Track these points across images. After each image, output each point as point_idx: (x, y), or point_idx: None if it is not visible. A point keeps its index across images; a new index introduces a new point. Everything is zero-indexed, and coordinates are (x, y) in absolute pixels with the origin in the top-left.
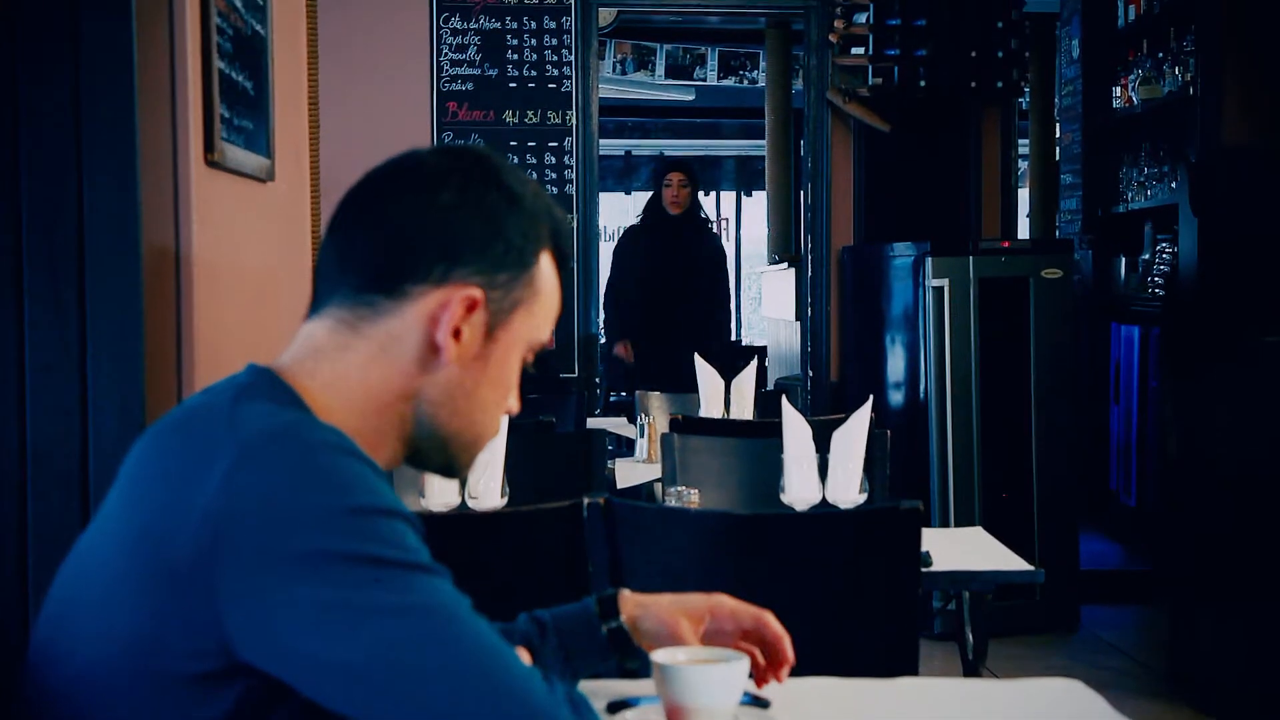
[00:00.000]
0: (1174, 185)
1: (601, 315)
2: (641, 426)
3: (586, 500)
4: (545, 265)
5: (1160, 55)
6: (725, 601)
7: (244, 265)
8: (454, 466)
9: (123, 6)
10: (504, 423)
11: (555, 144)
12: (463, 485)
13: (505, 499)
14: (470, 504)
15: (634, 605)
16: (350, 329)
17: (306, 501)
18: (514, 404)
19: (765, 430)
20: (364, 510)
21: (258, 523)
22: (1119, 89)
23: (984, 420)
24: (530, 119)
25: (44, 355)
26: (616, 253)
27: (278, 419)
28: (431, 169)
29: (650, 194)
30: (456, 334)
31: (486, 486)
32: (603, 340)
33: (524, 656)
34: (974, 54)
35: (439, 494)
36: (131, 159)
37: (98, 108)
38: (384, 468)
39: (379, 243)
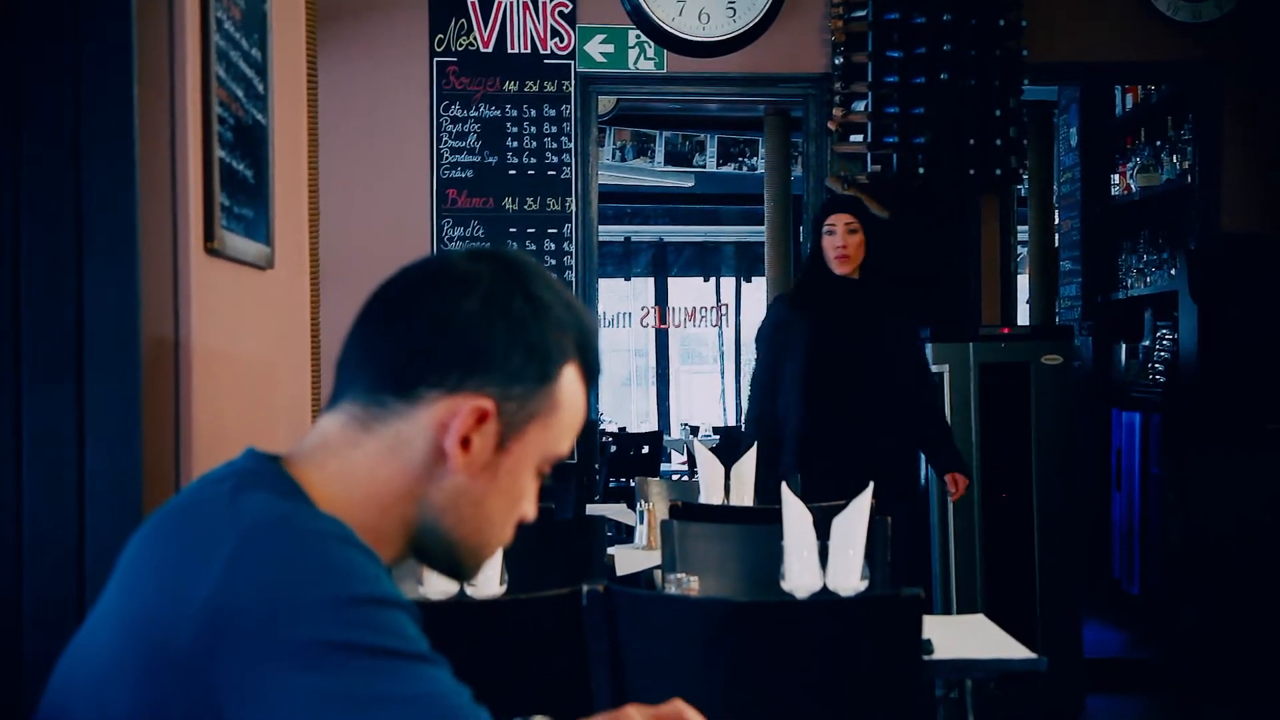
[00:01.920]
0: (1173, 272)
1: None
2: (641, 513)
3: (586, 588)
4: (568, 379)
5: (1158, 143)
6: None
7: (243, 353)
8: (459, 570)
9: (124, 96)
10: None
11: (555, 230)
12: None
13: (504, 586)
14: (469, 592)
15: None
16: (361, 426)
17: (306, 591)
18: (529, 512)
19: (765, 517)
20: (363, 600)
21: (257, 613)
22: (1117, 176)
23: (985, 506)
24: (530, 206)
25: (41, 442)
26: (763, 335)
27: (278, 508)
28: (459, 273)
29: (810, 249)
30: (466, 443)
31: (485, 574)
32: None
33: None
34: (972, 142)
35: (437, 582)
36: (132, 247)
37: (99, 197)
38: (387, 563)
39: (397, 343)
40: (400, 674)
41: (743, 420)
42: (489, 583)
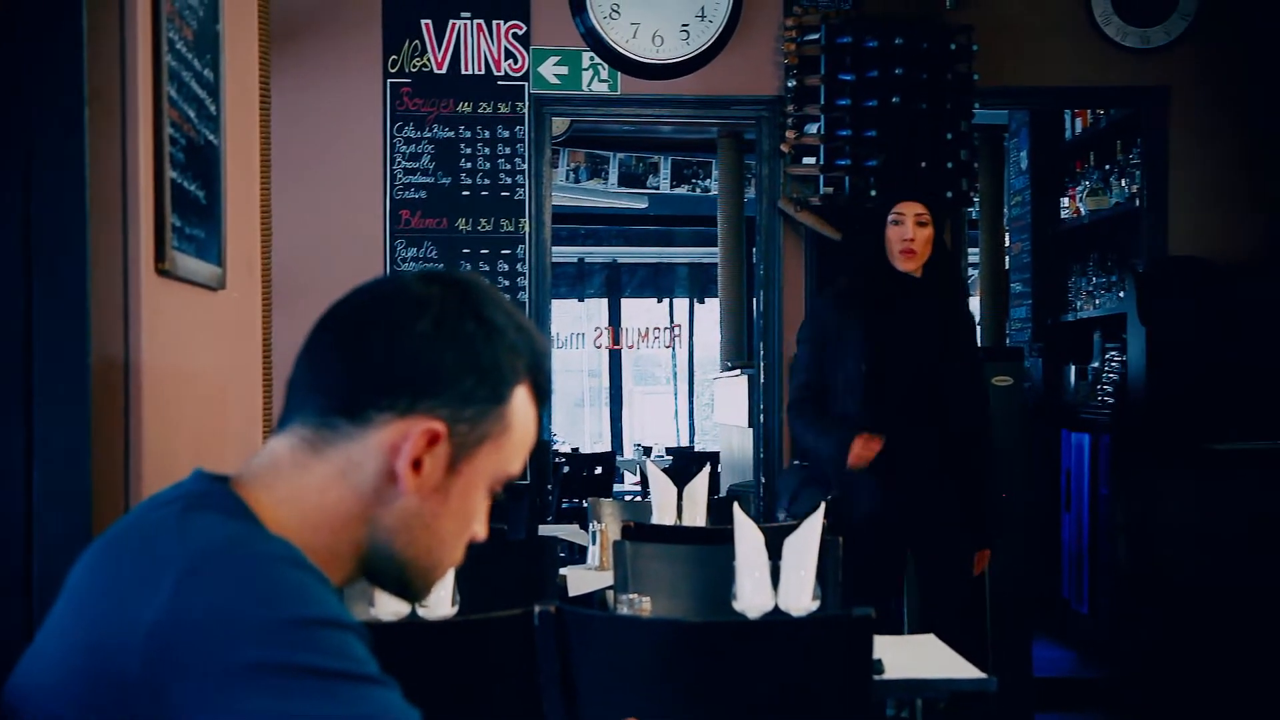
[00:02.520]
0: (1122, 295)
1: (786, 426)
2: (593, 534)
3: (538, 609)
4: (520, 400)
5: (1107, 167)
6: None
7: (194, 374)
8: (410, 591)
9: (75, 117)
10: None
11: (508, 251)
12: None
13: (456, 608)
14: (420, 613)
15: None
16: (311, 448)
17: (254, 614)
18: (480, 532)
19: (717, 537)
20: (311, 622)
21: (206, 636)
22: (1067, 200)
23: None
24: (483, 227)
25: None
26: (805, 337)
27: (225, 531)
28: (411, 296)
29: (865, 241)
30: (417, 465)
31: (437, 595)
32: (794, 463)
33: None
34: (924, 165)
35: (389, 603)
36: (82, 268)
37: (48, 217)
38: (340, 584)
39: (348, 366)
40: (349, 696)
41: (790, 419)
42: (441, 604)
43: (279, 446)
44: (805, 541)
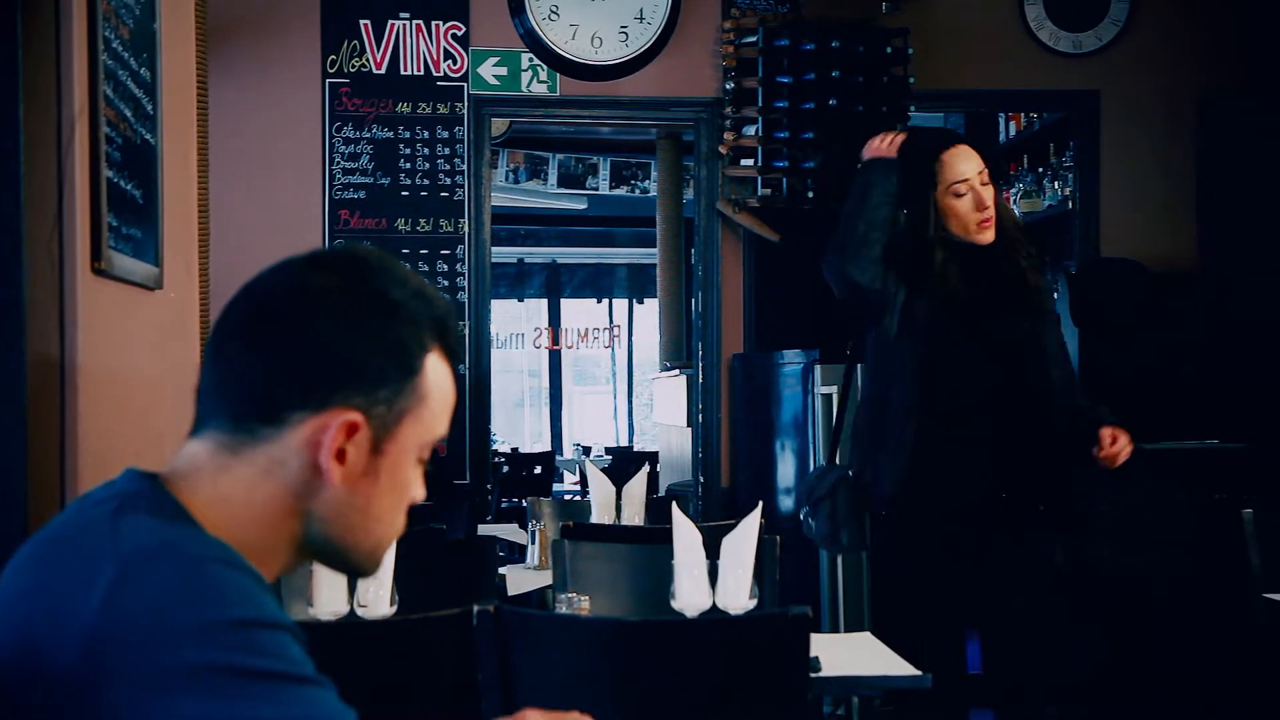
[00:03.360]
0: (1055, 295)
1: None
2: (532, 533)
3: (476, 608)
4: (432, 366)
5: (1041, 170)
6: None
7: (130, 373)
8: (358, 569)
9: (10, 115)
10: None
11: (447, 252)
12: (352, 593)
13: (394, 607)
14: (359, 612)
15: None
16: (231, 452)
17: (188, 616)
18: (418, 495)
19: (656, 537)
20: (246, 623)
21: (140, 639)
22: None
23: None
24: (423, 227)
25: None
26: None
27: (159, 533)
28: (306, 289)
29: (908, 207)
30: (341, 456)
31: (376, 595)
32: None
33: None
34: (860, 166)
35: (327, 602)
36: (17, 267)
37: None
38: (280, 574)
39: (255, 370)
40: (285, 696)
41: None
42: (379, 603)
43: (198, 450)
44: (743, 541)
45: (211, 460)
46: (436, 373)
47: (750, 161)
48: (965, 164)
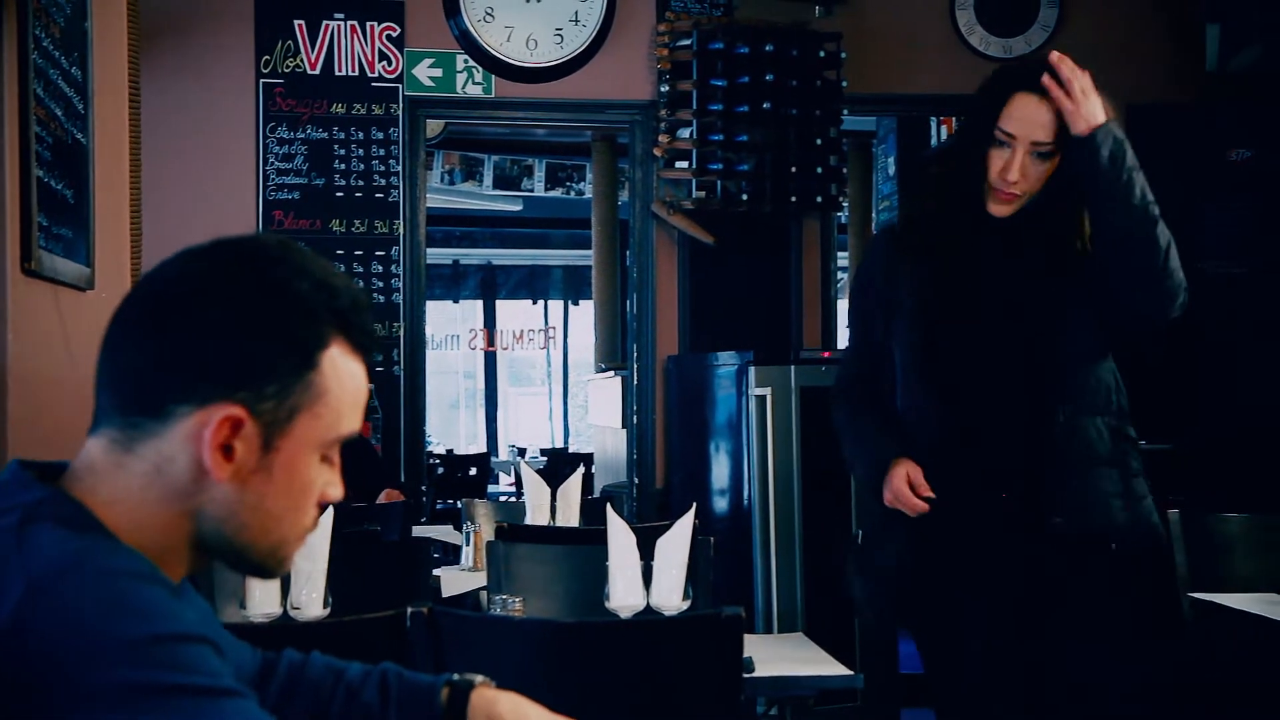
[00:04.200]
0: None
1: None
2: (467, 534)
3: (410, 610)
4: (333, 360)
5: None
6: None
7: (62, 374)
8: (262, 570)
9: None
10: (327, 523)
11: (382, 253)
12: (286, 595)
13: (328, 609)
14: (292, 614)
15: (485, 711)
16: (123, 449)
17: (105, 634)
18: (332, 494)
19: (590, 538)
20: (164, 638)
21: (56, 657)
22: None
23: (806, 527)
24: (357, 228)
25: None
26: (859, 288)
27: (68, 547)
28: (193, 279)
29: (947, 149)
30: (229, 452)
31: (309, 597)
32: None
33: None
34: (794, 169)
35: (260, 604)
36: None
37: None
38: (184, 574)
39: (139, 363)
40: (206, 710)
41: (833, 414)
42: (313, 605)
43: (94, 449)
44: (677, 542)
45: (106, 458)
46: (339, 367)
47: (685, 164)
48: (1028, 109)
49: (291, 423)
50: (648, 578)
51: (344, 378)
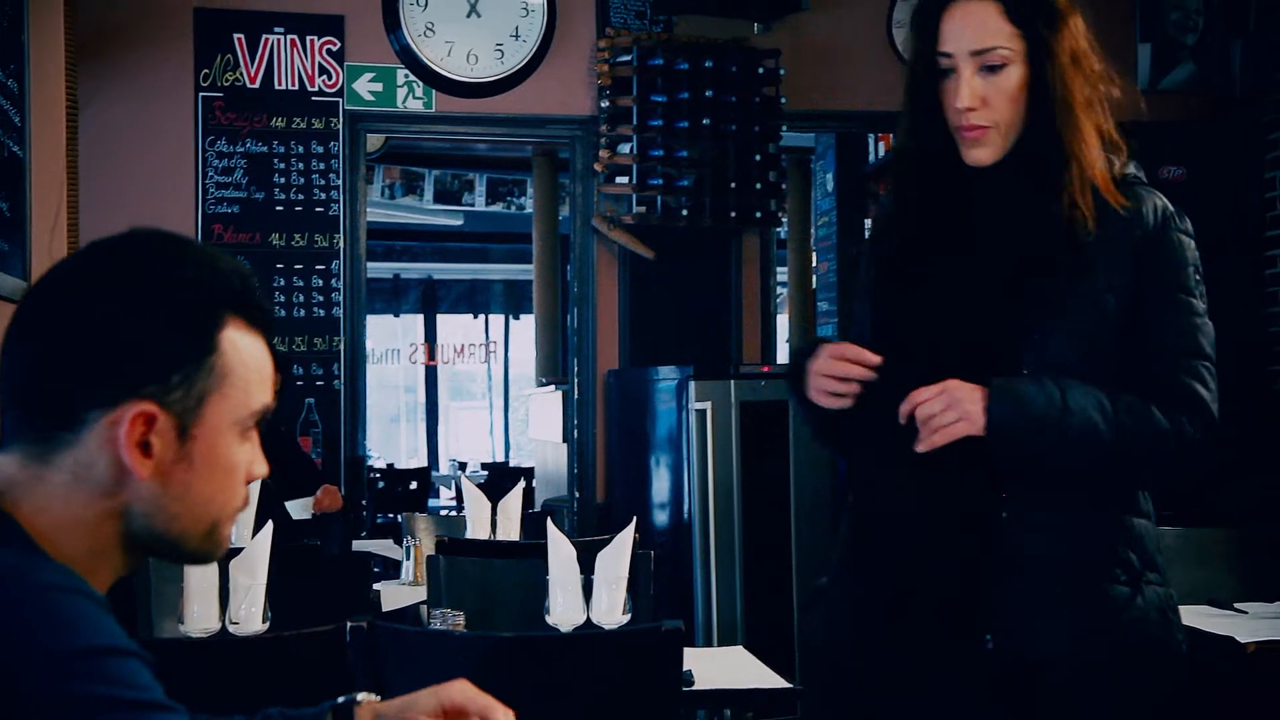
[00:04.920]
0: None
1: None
2: (408, 549)
3: (350, 624)
4: (231, 339)
5: None
6: (454, 693)
7: None
8: (199, 555)
9: None
10: (266, 538)
11: (323, 267)
12: (224, 610)
13: (267, 624)
14: (231, 629)
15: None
16: (38, 461)
17: (35, 647)
18: (257, 470)
19: (531, 552)
20: (96, 651)
21: None
22: (870, 221)
23: (746, 540)
24: (298, 242)
25: None
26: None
27: (1, 563)
28: (77, 285)
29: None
30: (147, 448)
31: (248, 612)
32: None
33: None
34: (734, 185)
35: (198, 620)
36: None
37: None
38: (115, 578)
39: (39, 374)
40: None
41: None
42: (251, 620)
43: (8, 465)
44: (617, 556)
45: (22, 472)
46: (238, 345)
47: (625, 179)
48: (954, 27)
49: (202, 408)
50: (588, 592)
51: (245, 355)
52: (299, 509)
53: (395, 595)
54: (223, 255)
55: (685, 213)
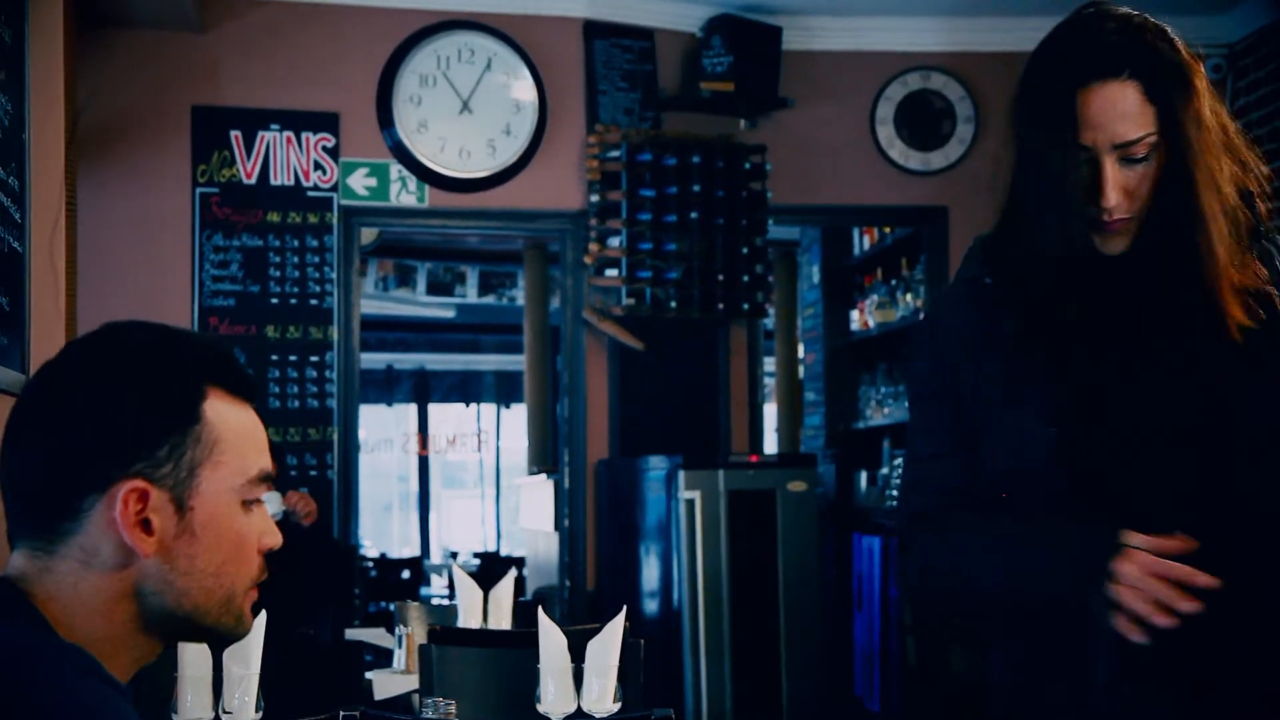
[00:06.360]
0: (908, 404)
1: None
2: (399, 637)
3: (343, 713)
4: (215, 408)
5: (893, 282)
6: None
7: None
8: (221, 632)
9: None
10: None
11: (317, 358)
12: (218, 699)
13: (260, 714)
14: (223, 719)
15: None
16: (45, 554)
17: None
18: (269, 541)
19: (522, 640)
20: None
21: None
22: (856, 313)
23: (735, 628)
24: (292, 333)
25: None
26: (922, 378)
27: (18, 645)
28: (54, 378)
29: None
30: (147, 525)
31: (241, 701)
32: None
33: None
34: (721, 277)
35: (191, 709)
36: None
37: None
38: (137, 666)
39: (33, 468)
40: None
41: (915, 547)
42: (245, 709)
43: (18, 560)
44: (607, 644)
45: (31, 565)
46: (223, 414)
47: (615, 271)
48: (1095, 116)
49: (196, 479)
50: (579, 680)
51: (232, 422)
52: (272, 503)
53: (387, 684)
54: (200, 334)
55: (674, 304)
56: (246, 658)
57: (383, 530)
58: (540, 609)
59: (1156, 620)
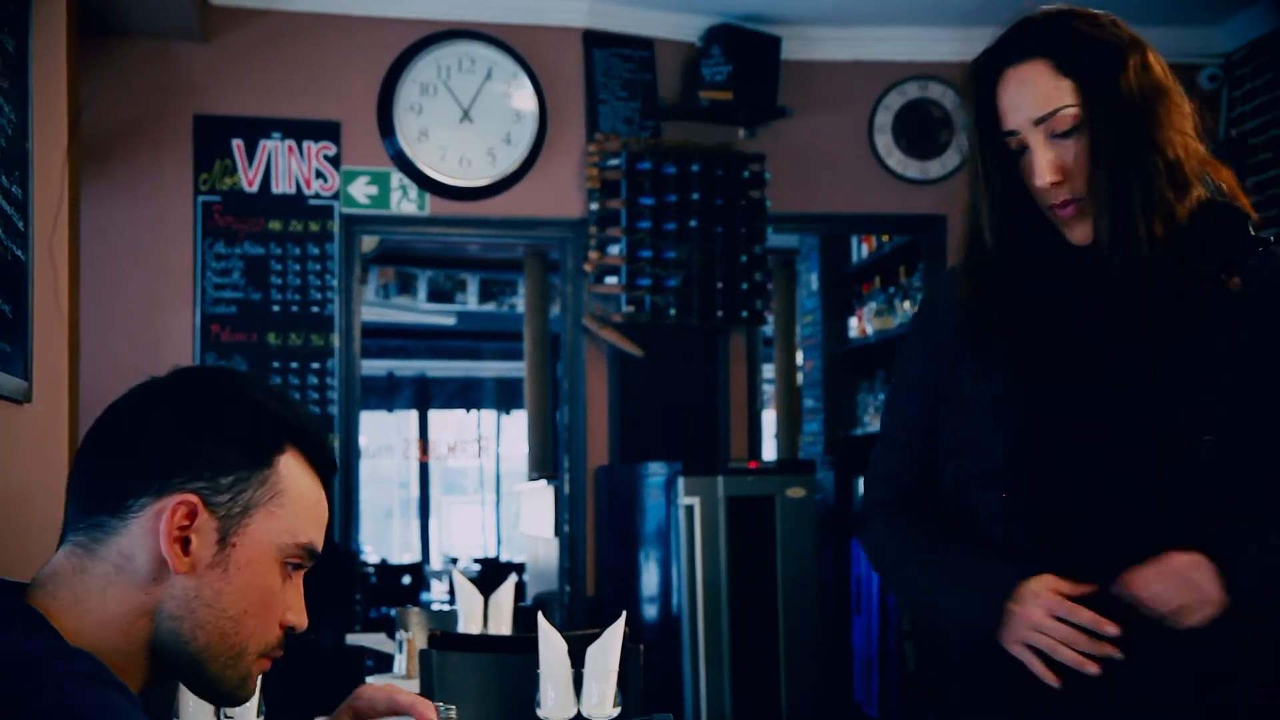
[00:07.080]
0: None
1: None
2: (400, 642)
3: None
4: (288, 466)
5: (891, 290)
6: (361, 701)
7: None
8: (220, 684)
9: None
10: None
11: (318, 365)
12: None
13: (261, 718)
14: None
15: None
16: (85, 551)
17: None
18: (294, 619)
19: (522, 646)
20: None
21: None
22: (855, 320)
23: (734, 633)
24: (293, 341)
25: None
26: (900, 364)
27: (22, 649)
28: (153, 389)
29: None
30: (186, 545)
31: (242, 708)
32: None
33: None
34: (720, 285)
35: (193, 715)
36: None
37: None
38: (143, 686)
39: (100, 465)
40: None
41: (863, 541)
42: (245, 715)
43: (59, 557)
44: (607, 649)
45: (68, 563)
46: (295, 475)
47: (615, 279)
48: (1010, 99)
49: (247, 519)
50: (579, 685)
51: (301, 485)
52: None
53: None
54: (295, 400)
55: (673, 312)
56: None
57: (383, 536)
58: (540, 614)
59: (1066, 660)
